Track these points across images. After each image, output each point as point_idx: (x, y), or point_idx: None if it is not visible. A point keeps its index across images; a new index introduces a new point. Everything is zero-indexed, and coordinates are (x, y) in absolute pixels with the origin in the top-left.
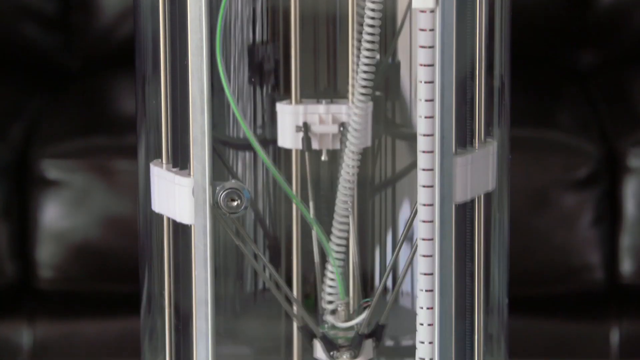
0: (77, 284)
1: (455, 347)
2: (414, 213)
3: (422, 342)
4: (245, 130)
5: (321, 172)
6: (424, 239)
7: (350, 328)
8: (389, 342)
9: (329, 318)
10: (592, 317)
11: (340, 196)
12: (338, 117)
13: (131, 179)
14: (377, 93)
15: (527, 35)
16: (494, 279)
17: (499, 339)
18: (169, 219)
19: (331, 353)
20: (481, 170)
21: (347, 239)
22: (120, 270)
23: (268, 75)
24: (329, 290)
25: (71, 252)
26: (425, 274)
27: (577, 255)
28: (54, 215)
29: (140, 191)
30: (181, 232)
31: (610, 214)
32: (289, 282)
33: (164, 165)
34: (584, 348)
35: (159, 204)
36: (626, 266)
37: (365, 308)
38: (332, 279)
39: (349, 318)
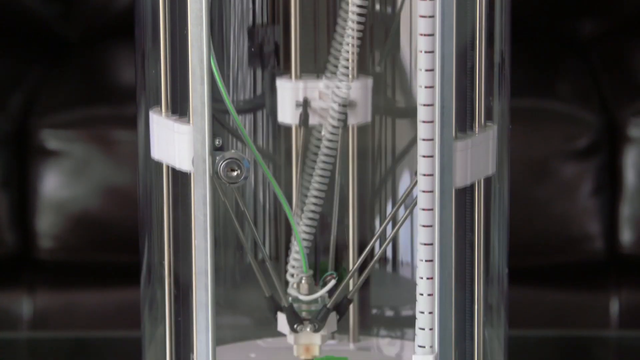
0: (77, 254)
1: (455, 317)
2: (413, 183)
3: (422, 312)
4: (229, 106)
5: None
6: (423, 209)
7: (315, 301)
8: (388, 313)
9: (292, 291)
10: (591, 286)
11: (318, 170)
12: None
13: (131, 149)
14: (377, 69)
15: (527, 4)
16: (494, 249)
17: (499, 309)
18: (168, 174)
19: (295, 326)
20: (482, 153)
21: (318, 213)
22: (120, 240)
23: (268, 51)
24: (292, 263)
25: (71, 222)
26: (425, 244)
27: (577, 225)
28: (54, 186)
29: (139, 161)
30: (180, 193)
31: (610, 184)
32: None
33: (163, 114)
34: (584, 318)
35: (158, 152)
36: (626, 236)
37: (329, 282)
38: (296, 252)
39: (313, 291)
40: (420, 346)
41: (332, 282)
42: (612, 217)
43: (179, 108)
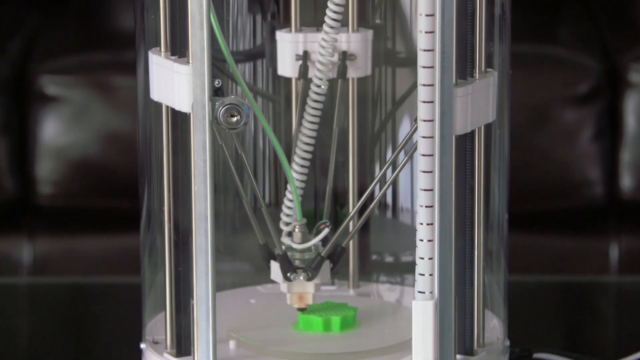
0: (77, 200)
1: (454, 263)
2: (413, 129)
3: (422, 258)
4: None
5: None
6: (424, 155)
7: (308, 250)
8: (388, 259)
9: (286, 240)
10: (591, 232)
11: (307, 117)
12: (338, 46)
13: (130, 95)
14: (378, 21)
15: None
16: (494, 194)
17: (499, 255)
18: (167, 119)
19: (288, 274)
20: (482, 99)
21: (310, 160)
22: (120, 186)
23: (268, 3)
24: (286, 211)
25: (70, 168)
26: (425, 190)
27: (577, 171)
28: (53, 131)
29: (139, 106)
30: (180, 138)
31: (610, 129)
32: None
33: (162, 54)
34: (584, 263)
35: (157, 93)
36: (626, 182)
37: (322, 230)
38: (290, 200)
39: (307, 240)
40: (420, 292)
41: (326, 231)
42: (612, 163)
43: (178, 51)
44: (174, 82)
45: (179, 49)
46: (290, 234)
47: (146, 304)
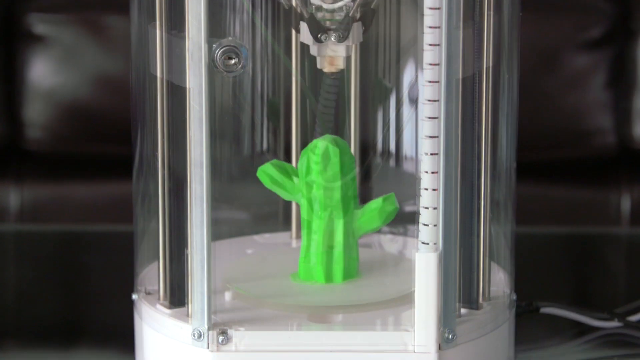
0: (67, 145)
1: (459, 213)
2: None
3: (426, 208)
4: None
5: None
6: (429, 100)
7: (340, 10)
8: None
9: (316, 0)
10: (602, 182)
11: None
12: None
13: (123, 35)
14: None
15: None
16: (502, 142)
17: (506, 205)
18: (162, 57)
19: (318, 35)
20: (489, 42)
21: None
22: (112, 131)
23: None
24: None
25: (60, 111)
26: (429, 137)
27: (588, 119)
28: (42, 73)
29: (132, 47)
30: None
31: (623, 75)
32: None
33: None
34: (594, 215)
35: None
36: (639, 130)
37: None
38: None
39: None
40: (423, 243)
41: None
42: (624, 111)
43: (176, 22)
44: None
45: (176, 21)
46: None
47: (139, 254)
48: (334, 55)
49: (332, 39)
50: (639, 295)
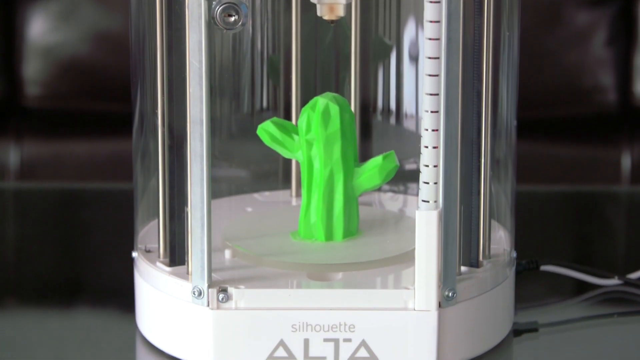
0: (66, 102)
1: (460, 171)
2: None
3: (427, 166)
4: None
5: None
6: (430, 57)
7: None
8: None
9: None
10: (603, 140)
11: None
12: None
13: None
14: None
15: None
16: (502, 100)
17: (507, 163)
18: (162, 17)
19: None
20: None
21: None
22: (111, 88)
23: None
24: None
25: (59, 68)
26: (430, 94)
27: (589, 76)
28: (41, 30)
29: (131, 3)
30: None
31: (625, 33)
32: None
33: None
34: (595, 173)
35: None
36: None
37: None
38: None
39: None
40: (424, 201)
41: None
42: (626, 68)
43: None
44: None
45: None
46: None
47: (138, 211)
48: (334, 2)
49: None
50: (639, 253)
